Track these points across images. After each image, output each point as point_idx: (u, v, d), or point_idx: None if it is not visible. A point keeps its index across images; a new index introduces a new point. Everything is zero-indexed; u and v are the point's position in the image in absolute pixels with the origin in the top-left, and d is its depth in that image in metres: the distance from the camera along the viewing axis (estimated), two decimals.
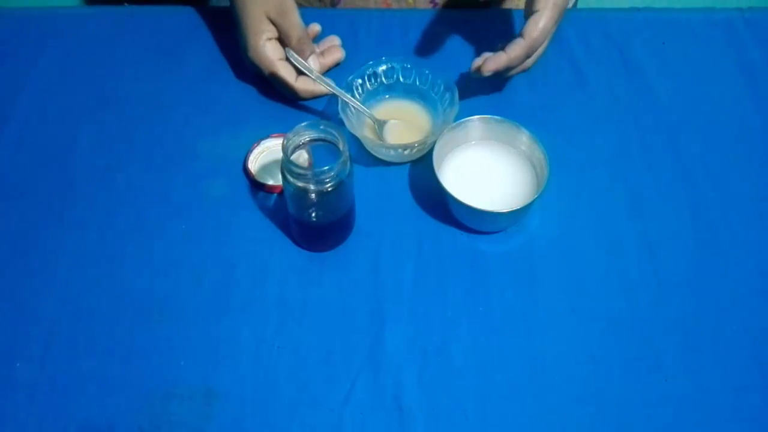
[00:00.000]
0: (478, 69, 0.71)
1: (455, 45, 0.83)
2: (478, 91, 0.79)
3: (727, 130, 0.77)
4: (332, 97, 0.76)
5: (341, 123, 0.71)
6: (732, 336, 0.63)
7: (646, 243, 0.69)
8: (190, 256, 0.68)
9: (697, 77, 0.82)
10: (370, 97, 0.76)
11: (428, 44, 0.83)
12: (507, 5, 0.90)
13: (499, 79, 0.77)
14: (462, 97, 0.72)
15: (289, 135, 0.60)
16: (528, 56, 0.71)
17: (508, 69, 0.71)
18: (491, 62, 0.70)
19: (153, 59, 0.82)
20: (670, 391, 0.61)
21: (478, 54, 0.72)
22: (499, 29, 0.84)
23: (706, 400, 0.60)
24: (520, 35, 0.70)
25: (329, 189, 0.61)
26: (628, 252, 0.68)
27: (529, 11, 0.70)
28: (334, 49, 0.80)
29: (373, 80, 0.76)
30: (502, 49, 0.70)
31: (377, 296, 0.65)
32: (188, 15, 0.86)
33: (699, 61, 0.83)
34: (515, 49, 0.70)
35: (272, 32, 0.75)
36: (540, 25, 0.69)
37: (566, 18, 0.73)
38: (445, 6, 0.88)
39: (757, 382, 0.61)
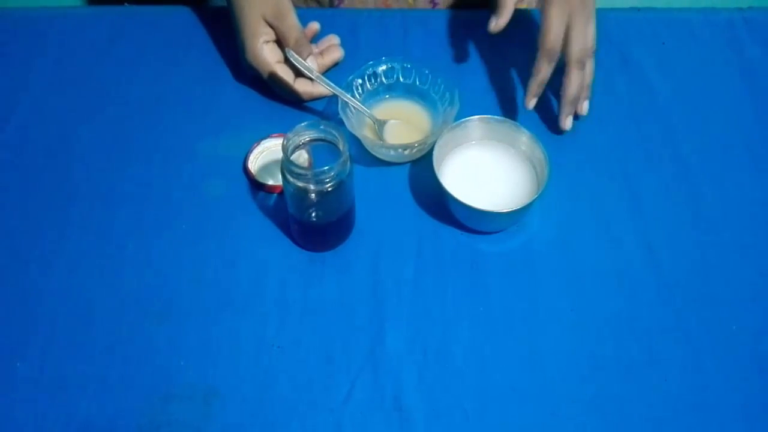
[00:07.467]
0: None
1: (455, 45, 0.83)
2: (478, 91, 0.79)
3: (726, 130, 0.77)
4: (332, 97, 0.76)
5: (341, 123, 0.71)
6: (732, 336, 0.63)
7: (646, 243, 0.69)
8: (190, 256, 0.68)
9: (697, 77, 0.82)
10: (370, 97, 0.76)
11: (428, 44, 0.83)
12: None
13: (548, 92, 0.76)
14: (462, 97, 0.72)
15: (289, 135, 0.60)
16: (551, 65, 0.69)
17: (543, 84, 0.70)
18: (530, 94, 0.70)
19: (153, 59, 0.82)
20: (670, 391, 0.61)
21: (477, 54, 0.72)
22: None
23: (706, 400, 0.60)
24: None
25: (329, 189, 0.61)
26: (628, 252, 0.68)
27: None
28: (332, 49, 0.80)
29: (373, 80, 0.76)
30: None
31: (377, 296, 0.65)
32: (188, 15, 0.86)
33: (699, 61, 0.83)
34: (535, 66, 0.69)
35: (270, 35, 0.75)
36: (546, 26, 0.67)
37: None
38: (446, 6, 0.88)
39: (757, 382, 0.61)
